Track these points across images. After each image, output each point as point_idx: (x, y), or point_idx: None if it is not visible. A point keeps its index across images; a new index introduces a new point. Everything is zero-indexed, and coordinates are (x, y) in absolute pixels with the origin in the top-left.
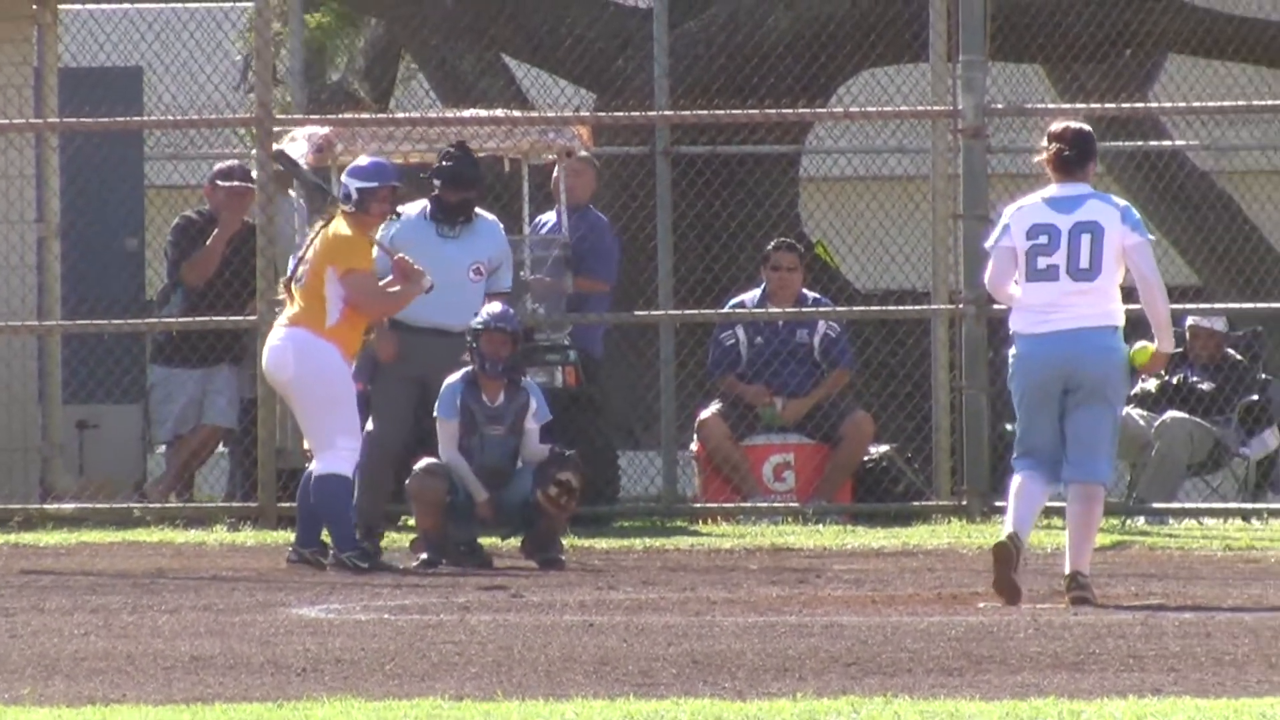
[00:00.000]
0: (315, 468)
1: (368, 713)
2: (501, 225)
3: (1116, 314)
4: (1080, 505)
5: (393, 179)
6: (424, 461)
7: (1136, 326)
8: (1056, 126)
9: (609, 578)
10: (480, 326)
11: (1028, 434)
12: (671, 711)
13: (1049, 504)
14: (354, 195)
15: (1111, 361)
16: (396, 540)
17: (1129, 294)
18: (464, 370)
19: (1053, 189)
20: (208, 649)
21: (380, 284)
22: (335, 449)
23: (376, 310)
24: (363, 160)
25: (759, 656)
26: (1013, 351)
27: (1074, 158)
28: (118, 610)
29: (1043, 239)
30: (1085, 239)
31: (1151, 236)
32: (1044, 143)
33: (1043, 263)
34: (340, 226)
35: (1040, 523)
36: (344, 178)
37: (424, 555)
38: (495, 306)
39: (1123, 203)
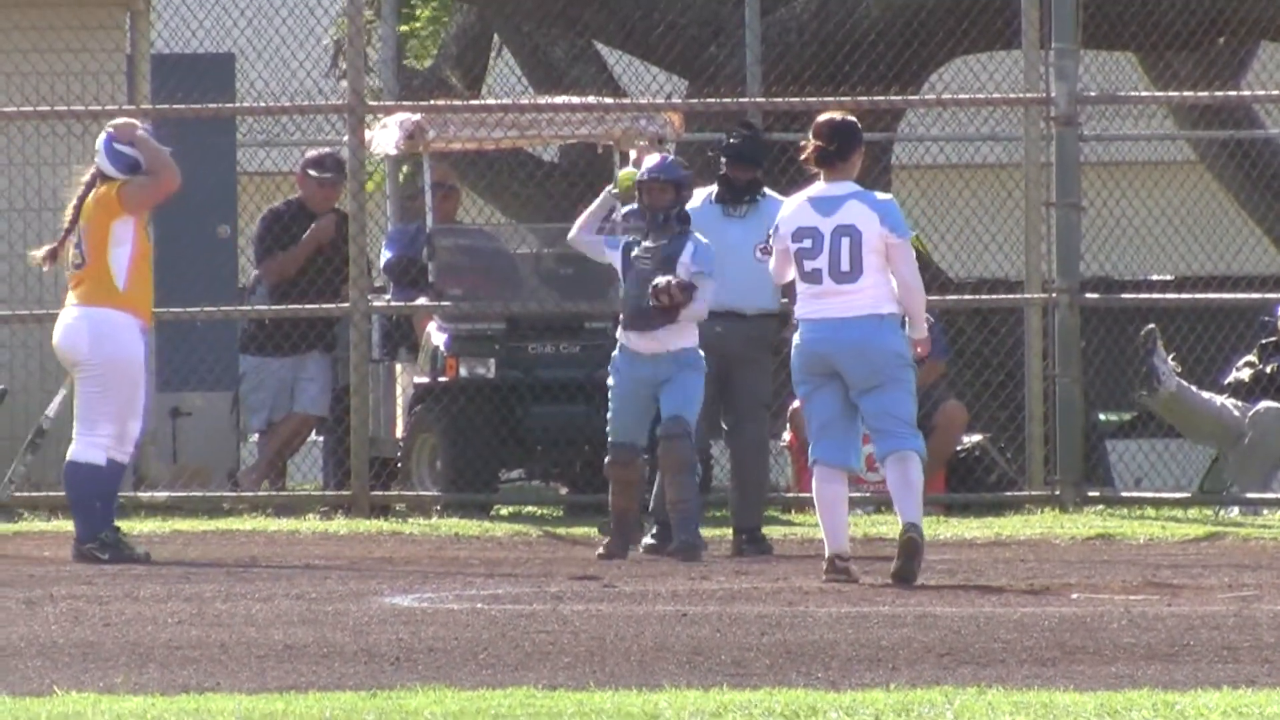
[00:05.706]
0: (70, 452)
1: (461, 702)
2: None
3: (883, 302)
4: (897, 468)
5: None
6: (617, 439)
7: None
8: (820, 119)
9: (702, 567)
10: (643, 178)
11: (814, 417)
12: (765, 702)
13: (1146, 494)
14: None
15: (876, 347)
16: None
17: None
18: (631, 206)
19: (818, 186)
20: (301, 638)
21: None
22: (94, 435)
23: (161, 184)
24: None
25: (852, 647)
26: (795, 338)
27: (834, 152)
28: (211, 599)
29: (807, 242)
30: (845, 243)
31: (911, 233)
32: (808, 137)
33: (809, 265)
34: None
35: (1135, 513)
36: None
37: (605, 548)
38: (653, 158)
39: (885, 198)
